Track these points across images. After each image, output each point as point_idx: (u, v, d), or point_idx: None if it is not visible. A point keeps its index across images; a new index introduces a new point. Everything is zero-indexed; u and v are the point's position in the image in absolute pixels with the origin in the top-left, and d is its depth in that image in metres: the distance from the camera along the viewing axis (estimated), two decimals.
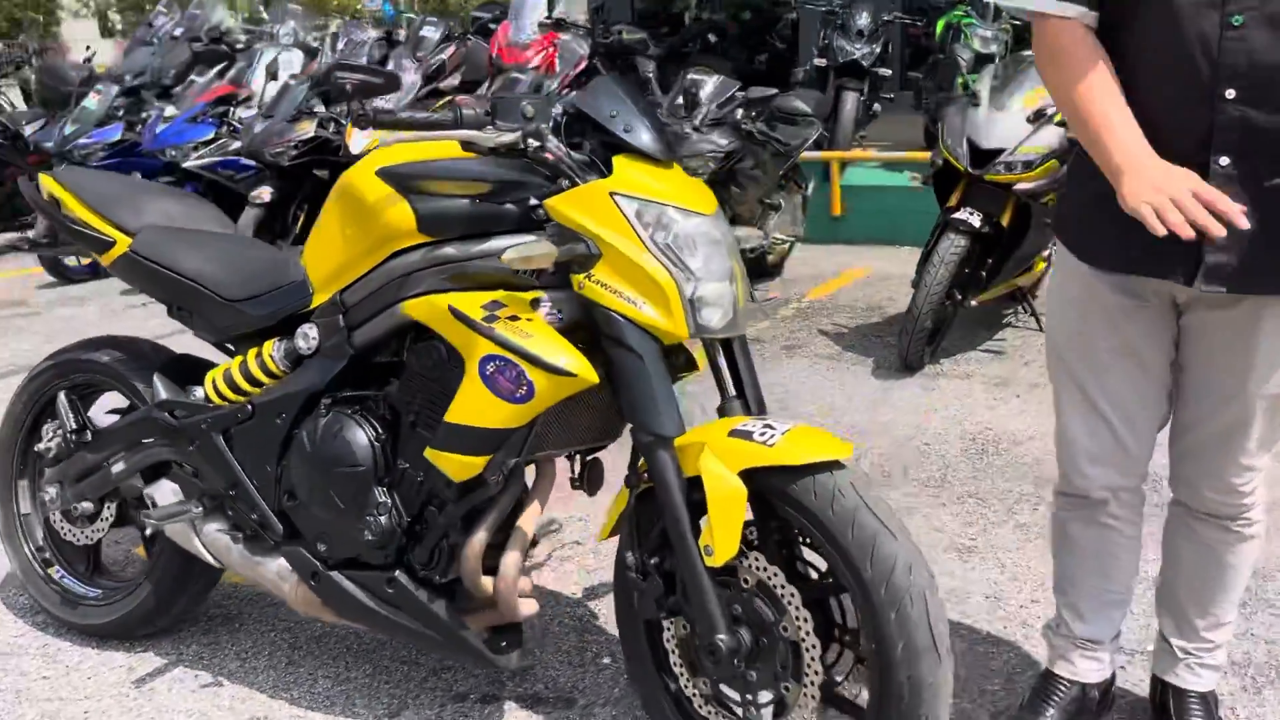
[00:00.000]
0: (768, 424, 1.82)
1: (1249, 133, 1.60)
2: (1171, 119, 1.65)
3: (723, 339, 1.96)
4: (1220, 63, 1.59)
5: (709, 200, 1.92)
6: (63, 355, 2.52)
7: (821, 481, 1.75)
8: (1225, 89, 1.60)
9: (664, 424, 1.82)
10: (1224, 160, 1.62)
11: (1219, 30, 1.59)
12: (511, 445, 1.91)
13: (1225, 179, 1.61)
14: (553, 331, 1.85)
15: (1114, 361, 1.86)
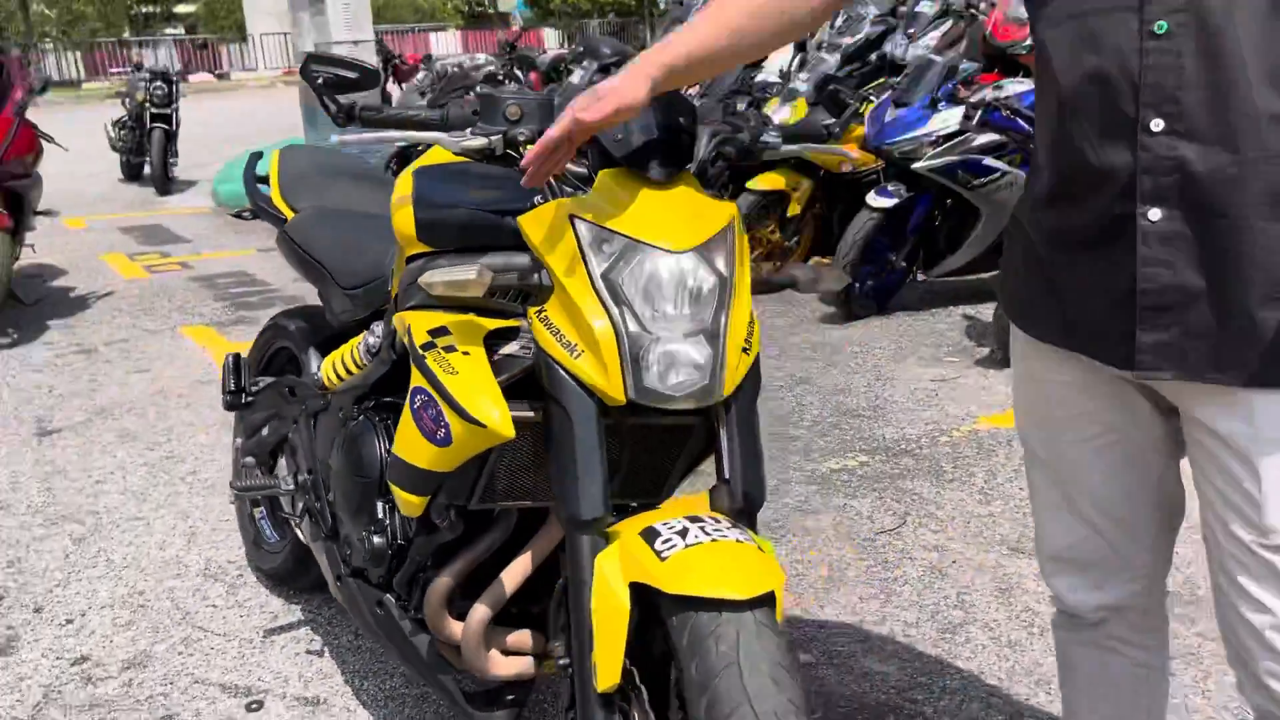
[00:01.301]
0: (690, 528, 1.45)
1: (1186, 176, 1.20)
2: (1087, 160, 1.28)
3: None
4: (1142, 84, 1.21)
5: (695, 234, 1.56)
6: (275, 319, 2.75)
7: (702, 623, 1.37)
8: (1150, 118, 1.21)
9: (579, 503, 1.53)
10: (1154, 213, 1.23)
11: (1138, 41, 1.20)
12: (453, 489, 1.73)
13: (1160, 239, 1.23)
14: (483, 372, 1.63)
15: (1087, 452, 1.46)
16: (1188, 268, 1.22)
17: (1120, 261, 1.27)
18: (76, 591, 2.80)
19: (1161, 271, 1.24)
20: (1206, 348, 1.24)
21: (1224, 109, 1.17)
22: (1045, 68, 1.33)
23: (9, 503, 3.36)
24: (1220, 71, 1.16)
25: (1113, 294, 1.30)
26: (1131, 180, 1.23)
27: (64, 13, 38.74)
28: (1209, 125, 1.18)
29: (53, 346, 5.10)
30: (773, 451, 3.56)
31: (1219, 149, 1.18)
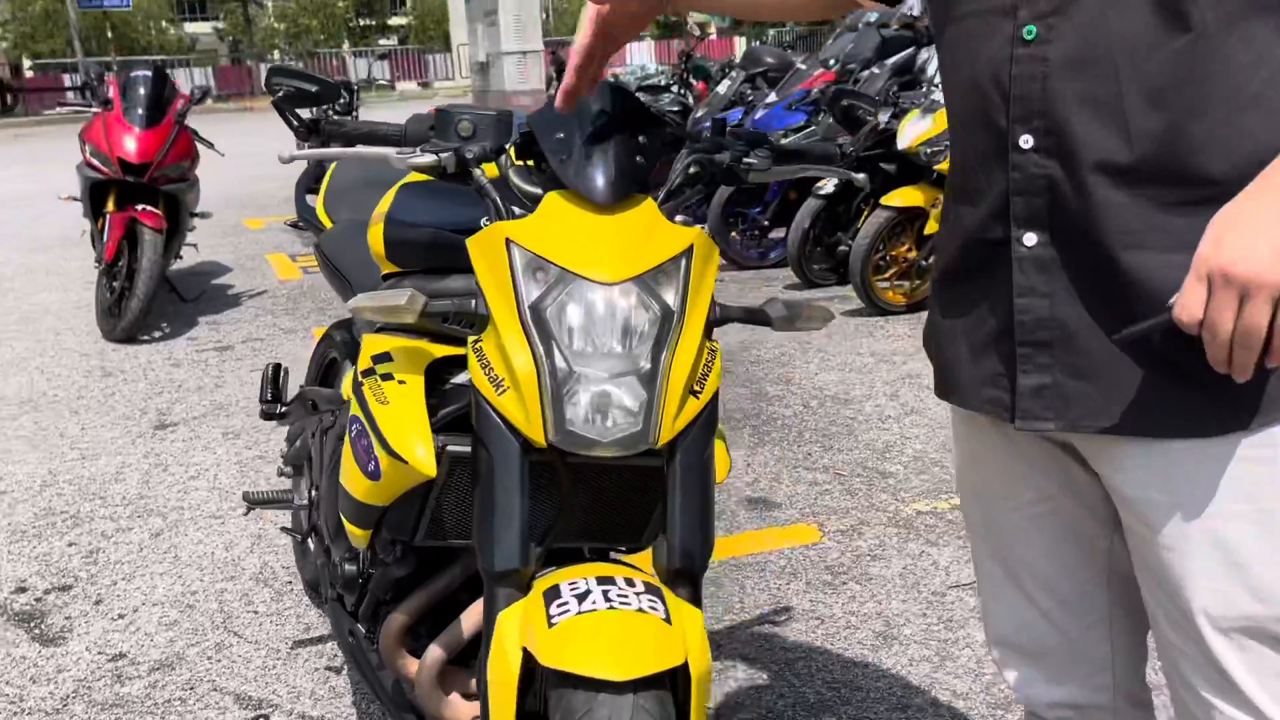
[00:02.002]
0: (593, 591, 1.31)
1: (1057, 200, 1.07)
2: (967, 179, 1.16)
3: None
4: (1013, 95, 1.08)
5: (635, 263, 1.41)
6: (329, 328, 2.75)
7: (575, 703, 1.24)
8: (1019, 134, 1.08)
9: (493, 552, 1.41)
10: (1029, 238, 1.10)
11: (1010, 48, 1.07)
12: (395, 524, 1.64)
13: (1036, 265, 1.10)
14: (414, 404, 1.53)
15: (1023, 521, 1.27)
16: (1066, 299, 1.08)
17: (998, 295, 1.14)
18: (137, 586, 2.88)
19: (1037, 303, 1.10)
20: (1091, 391, 1.09)
21: (1094, 124, 1.03)
22: (942, 79, 1.20)
23: (107, 493, 3.52)
24: (1090, 82, 1.02)
25: (993, 333, 1.15)
26: (1005, 202, 1.10)
27: (291, 26, 41.50)
28: (1075, 143, 1.04)
29: (195, 342, 5.36)
30: (857, 487, 3.34)
31: (1089, 169, 1.04)
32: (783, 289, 6.11)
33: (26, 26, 39.19)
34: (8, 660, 2.54)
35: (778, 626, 2.56)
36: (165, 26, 40.77)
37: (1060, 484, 1.22)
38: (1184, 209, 1.01)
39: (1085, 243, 1.06)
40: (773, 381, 4.44)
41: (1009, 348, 1.12)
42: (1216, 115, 0.99)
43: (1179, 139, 1.00)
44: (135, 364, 5.01)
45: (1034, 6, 1.05)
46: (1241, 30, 0.97)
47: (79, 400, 4.51)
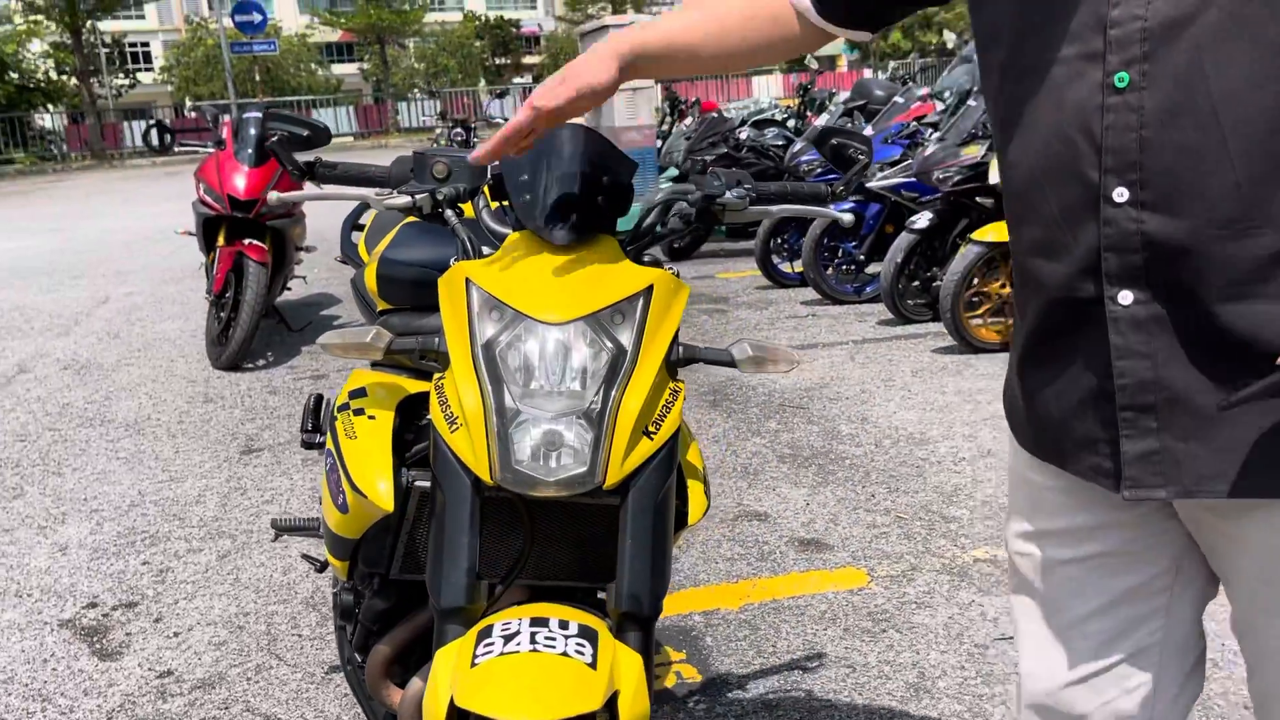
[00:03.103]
0: (522, 633, 1.31)
1: (1157, 256, 1.01)
2: (1048, 234, 1.09)
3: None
4: (1105, 146, 1.01)
5: (586, 303, 1.41)
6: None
7: None
8: (1112, 187, 1.01)
9: (441, 589, 1.42)
10: (1125, 296, 1.04)
11: (1101, 96, 1.00)
12: (369, 557, 1.66)
13: (1134, 324, 1.03)
14: (380, 439, 1.56)
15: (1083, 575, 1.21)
16: (1170, 359, 1.02)
17: (1092, 356, 1.07)
18: (196, 606, 3.00)
19: (1139, 365, 1.04)
20: (1204, 453, 1.02)
21: (1197, 174, 0.97)
22: (1004, 127, 1.12)
23: (187, 514, 3.68)
24: (1191, 131, 0.97)
25: (1087, 396, 1.08)
26: (1097, 258, 1.04)
27: (430, 66, 43.06)
28: (1176, 195, 0.98)
29: (294, 370, 5.58)
30: (916, 531, 3.23)
31: (1191, 221, 0.98)
32: (876, 324, 6.00)
33: (190, 71, 41.75)
34: (66, 673, 2.68)
35: (807, 673, 2.50)
36: (314, 69, 42.83)
37: (1133, 538, 1.17)
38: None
39: (1188, 298, 0.99)
40: (848, 420, 4.35)
41: (1109, 412, 1.06)
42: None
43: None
44: (235, 391, 5.24)
45: (1125, 52, 0.98)
46: None
47: (178, 424, 4.74)
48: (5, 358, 6.18)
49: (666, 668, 2.55)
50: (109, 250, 10.44)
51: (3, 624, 2.94)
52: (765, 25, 1.33)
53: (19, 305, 7.75)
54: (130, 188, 18.36)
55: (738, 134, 8.32)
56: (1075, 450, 1.12)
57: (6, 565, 3.33)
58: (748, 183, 1.65)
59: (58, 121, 28.57)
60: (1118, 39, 0.98)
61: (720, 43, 1.34)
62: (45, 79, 29.63)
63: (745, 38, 1.34)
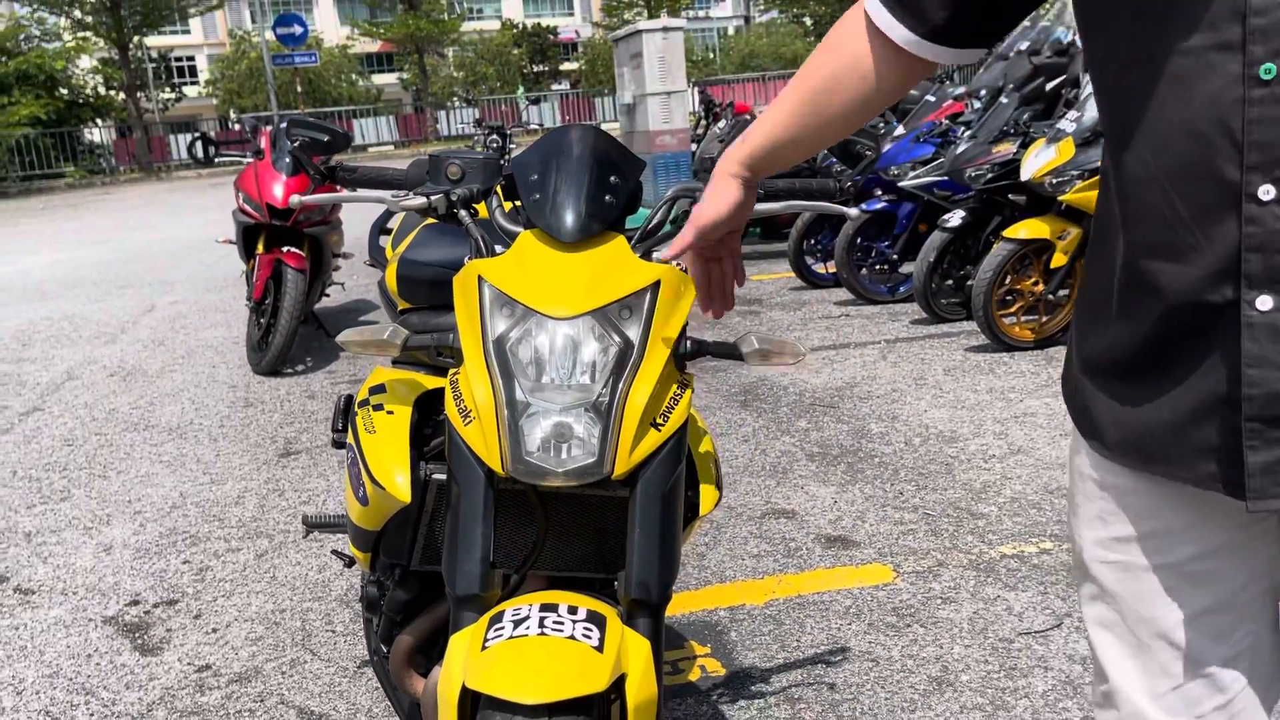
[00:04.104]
0: (531, 617, 1.35)
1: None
2: (1175, 235, 1.02)
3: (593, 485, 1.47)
4: (1247, 142, 0.95)
5: (593, 298, 1.45)
6: None
7: None
8: (1258, 184, 0.96)
9: (456, 577, 1.46)
10: (1264, 301, 0.98)
11: (1242, 88, 0.95)
12: (391, 548, 1.71)
13: (1271, 332, 0.98)
14: (398, 433, 1.61)
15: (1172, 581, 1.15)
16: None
17: (1218, 362, 1.02)
18: (234, 603, 3.07)
19: (1272, 375, 0.98)
20: None
21: None
22: (1116, 121, 1.07)
23: (226, 515, 3.77)
24: None
25: (1210, 403, 1.03)
26: (1234, 261, 0.98)
27: (469, 74, 43.40)
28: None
29: (333, 375, 5.67)
30: (944, 527, 3.23)
31: None
32: (909, 324, 5.98)
33: (234, 84, 42.40)
34: (109, 667, 2.76)
35: (830, 666, 2.51)
36: (354, 79, 43.33)
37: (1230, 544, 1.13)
38: None
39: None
40: (878, 418, 4.35)
41: (1234, 421, 1.02)
42: None
43: None
44: (275, 395, 5.34)
45: (1271, 42, 0.93)
46: None
47: (219, 429, 4.84)
48: (55, 365, 6.34)
49: (691, 661, 2.58)
50: (155, 260, 10.66)
51: (49, 621, 3.04)
52: (855, 84, 1.28)
53: (69, 314, 7.94)
54: (176, 199, 18.70)
55: None
56: (1189, 457, 1.06)
57: (54, 564, 3.43)
58: None
59: (106, 135, 29.16)
60: (1262, 28, 0.93)
61: (819, 119, 1.30)
62: (94, 94, 30.23)
63: (841, 105, 1.29)
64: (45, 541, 3.64)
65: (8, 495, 4.13)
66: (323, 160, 1.78)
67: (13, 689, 2.68)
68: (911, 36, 1.21)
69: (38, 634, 2.96)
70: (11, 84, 26.07)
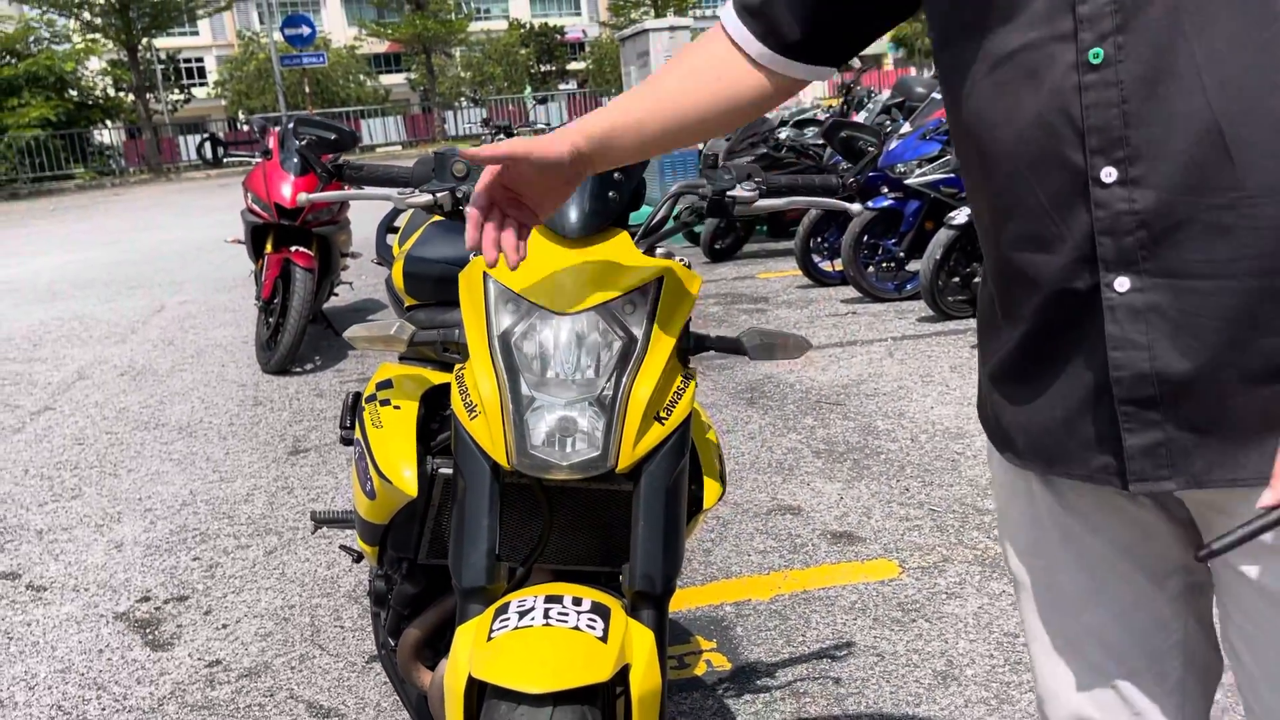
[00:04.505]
0: (536, 608, 1.36)
1: (1152, 236, 0.96)
2: (1041, 226, 1.02)
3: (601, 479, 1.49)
4: (1087, 126, 0.97)
5: (598, 294, 1.47)
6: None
7: (498, 714, 1.29)
8: (1101, 167, 0.97)
9: (462, 569, 1.48)
10: (1121, 283, 0.98)
11: (1077, 75, 0.97)
12: (398, 542, 1.73)
13: (1130, 313, 0.98)
14: (405, 428, 1.63)
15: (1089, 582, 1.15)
16: (1170, 348, 0.97)
17: (1091, 350, 1.02)
18: (244, 599, 3.10)
19: (1135, 355, 0.99)
20: (1212, 442, 0.98)
21: (1186, 144, 0.93)
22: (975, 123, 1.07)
23: (235, 512, 3.80)
24: (1174, 98, 0.92)
25: (1089, 394, 1.03)
26: (1091, 245, 0.99)
27: (476, 75, 43.47)
28: (1170, 169, 0.94)
29: (341, 374, 5.70)
30: (949, 523, 3.24)
31: (1185, 196, 0.93)
32: (916, 321, 5.99)
33: (242, 85, 42.54)
34: (121, 662, 2.78)
35: (836, 661, 2.53)
36: (362, 79, 43.43)
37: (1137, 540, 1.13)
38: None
39: (1186, 280, 0.95)
40: (885, 415, 4.36)
41: (1109, 408, 1.01)
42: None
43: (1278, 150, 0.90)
44: (284, 394, 5.37)
45: (1098, 26, 0.95)
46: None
47: (229, 427, 4.87)
48: (66, 365, 6.38)
49: (697, 656, 2.59)
50: (164, 261, 10.70)
51: (61, 617, 3.06)
52: (710, 84, 1.25)
53: (79, 315, 7.98)
54: (185, 200, 18.77)
55: (777, 134, 8.33)
56: (1081, 452, 1.06)
57: (65, 561, 3.46)
58: (758, 175, 1.69)
59: (116, 137, 29.28)
60: (1088, 15, 0.95)
61: (663, 112, 1.26)
62: (103, 96, 30.36)
63: (694, 106, 1.26)
64: (57, 539, 3.67)
65: (20, 493, 4.17)
66: (330, 159, 1.79)
67: (25, 684, 2.70)
68: (765, 51, 1.21)
69: (50, 630, 2.99)
70: (21, 86, 26.19)
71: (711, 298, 6.97)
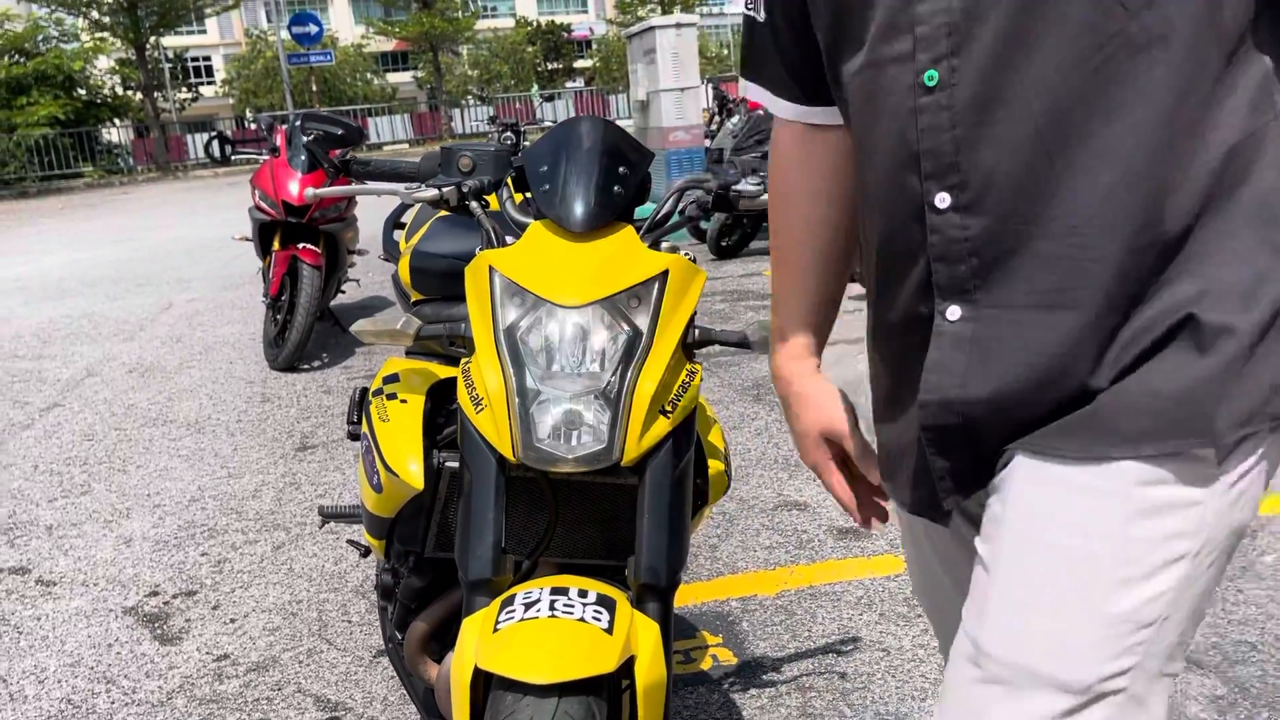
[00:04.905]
0: (542, 600, 1.37)
1: (984, 264, 0.92)
2: (895, 251, 1.00)
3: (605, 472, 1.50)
4: (921, 150, 0.93)
5: (602, 287, 1.48)
6: None
7: (504, 704, 1.30)
8: (935, 192, 0.93)
9: (469, 562, 1.49)
10: (952, 311, 0.95)
11: (914, 98, 0.94)
12: (405, 535, 1.74)
13: (954, 342, 0.95)
14: (411, 421, 1.64)
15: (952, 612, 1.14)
16: (984, 378, 0.94)
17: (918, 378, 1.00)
18: (252, 594, 3.11)
19: (948, 382, 0.96)
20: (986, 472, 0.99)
21: (1015, 172, 0.90)
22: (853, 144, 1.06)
23: (243, 508, 3.81)
24: (1004, 125, 0.90)
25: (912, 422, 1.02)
26: (926, 271, 0.97)
27: (483, 73, 43.52)
28: (1000, 196, 0.91)
29: (349, 371, 5.72)
30: None
31: (1016, 225, 0.90)
32: None
33: (250, 83, 42.61)
34: (130, 656, 2.80)
35: (841, 656, 2.53)
36: (369, 78, 43.48)
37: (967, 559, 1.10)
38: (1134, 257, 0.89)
39: (1012, 311, 0.93)
40: None
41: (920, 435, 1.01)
42: (1136, 156, 0.87)
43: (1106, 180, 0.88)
44: (292, 391, 5.38)
45: (934, 48, 0.92)
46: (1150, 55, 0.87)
47: (237, 423, 4.89)
48: (74, 362, 6.41)
49: (703, 651, 2.60)
50: (172, 259, 10.73)
51: (71, 611, 3.08)
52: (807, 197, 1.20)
53: (88, 312, 8.01)
54: (193, 198, 18.82)
55: None
56: (905, 481, 1.05)
57: (75, 557, 3.48)
58: (764, 170, 1.70)
59: (124, 135, 29.36)
60: (924, 36, 0.92)
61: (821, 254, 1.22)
62: (112, 94, 30.41)
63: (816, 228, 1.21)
64: (66, 534, 3.69)
65: (29, 489, 4.19)
66: (338, 154, 1.81)
67: (35, 678, 2.72)
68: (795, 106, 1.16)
69: (59, 624, 3.01)
70: (30, 84, 26.27)
71: (718, 295, 6.97)
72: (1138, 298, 0.90)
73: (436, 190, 1.66)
